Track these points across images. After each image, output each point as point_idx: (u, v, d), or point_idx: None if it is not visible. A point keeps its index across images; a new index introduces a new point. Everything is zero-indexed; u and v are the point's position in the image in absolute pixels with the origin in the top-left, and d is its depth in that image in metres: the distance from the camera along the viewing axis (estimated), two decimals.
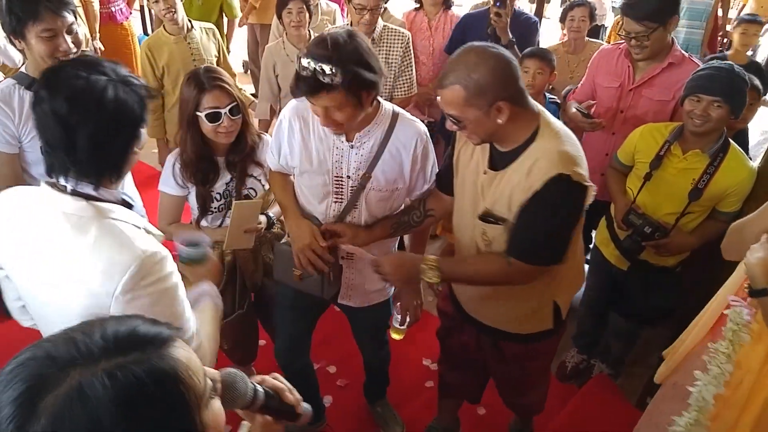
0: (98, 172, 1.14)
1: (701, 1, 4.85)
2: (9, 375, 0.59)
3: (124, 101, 1.12)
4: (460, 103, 1.45)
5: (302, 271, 1.80)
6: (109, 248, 1.09)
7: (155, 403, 0.60)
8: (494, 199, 1.59)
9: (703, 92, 2.02)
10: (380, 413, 2.46)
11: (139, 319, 0.66)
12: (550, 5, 9.01)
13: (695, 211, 2.16)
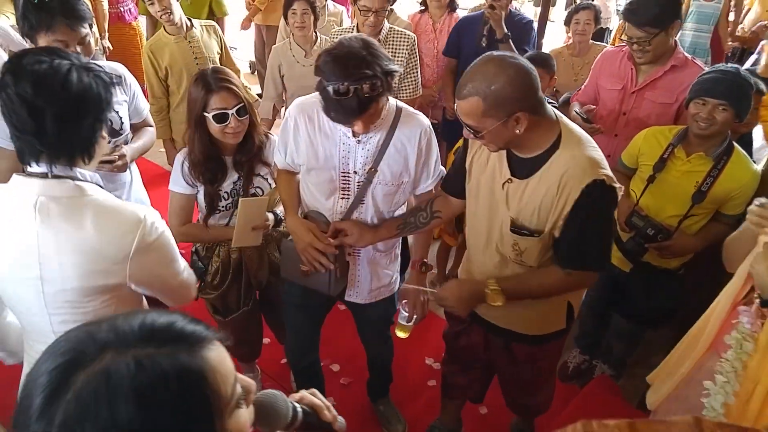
0: (69, 153, 1.19)
1: (710, 4, 4.83)
2: (53, 347, 0.62)
3: (88, 84, 1.17)
4: (478, 114, 1.45)
5: (309, 268, 1.82)
6: (113, 220, 1.20)
7: (175, 399, 0.59)
8: (520, 208, 1.59)
9: (708, 95, 2.02)
10: (383, 412, 2.48)
11: (179, 316, 0.66)
12: (555, 8, 9.02)
13: (698, 213, 2.17)
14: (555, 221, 1.55)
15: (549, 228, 1.56)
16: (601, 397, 2.46)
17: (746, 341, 1.51)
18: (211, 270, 2.11)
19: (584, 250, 1.56)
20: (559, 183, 1.50)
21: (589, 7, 3.56)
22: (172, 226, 1.99)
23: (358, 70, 1.49)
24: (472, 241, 1.83)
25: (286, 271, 1.96)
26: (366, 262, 1.93)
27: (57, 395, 0.57)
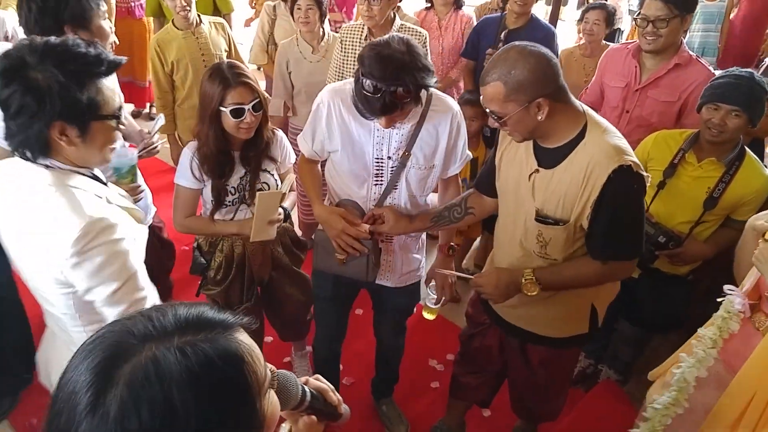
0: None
1: (714, 3, 4.82)
2: (89, 346, 0.64)
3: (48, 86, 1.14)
4: (500, 99, 1.48)
5: (344, 256, 1.83)
6: (58, 211, 1.16)
7: (222, 380, 0.63)
8: (545, 198, 1.60)
9: (722, 101, 1.99)
10: (385, 412, 2.47)
11: (206, 306, 0.69)
12: (566, 7, 8.96)
13: (710, 220, 2.14)
14: (581, 210, 1.55)
15: (575, 217, 1.56)
16: (606, 402, 2.44)
17: (732, 321, 1.53)
18: (213, 265, 2.11)
19: (617, 239, 1.56)
20: (585, 171, 1.51)
21: (599, 7, 3.53)
22: (175, 218, 2.02)
23: (393, 76, 1.52)
24: (498, 237, 1.83)
25: (321, 263, 1.95)
26: (398, 246, 1.96)
27: (105, 390, 0.59)
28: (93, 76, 1.15)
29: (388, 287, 2.04)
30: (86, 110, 1.15)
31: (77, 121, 1.16)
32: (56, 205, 1.17)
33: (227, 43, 3.18)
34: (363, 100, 1.57)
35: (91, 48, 1.16)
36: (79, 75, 1.13)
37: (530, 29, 3.04)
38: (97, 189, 1.25)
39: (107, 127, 1.22)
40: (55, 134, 1.15)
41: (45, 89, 1.10)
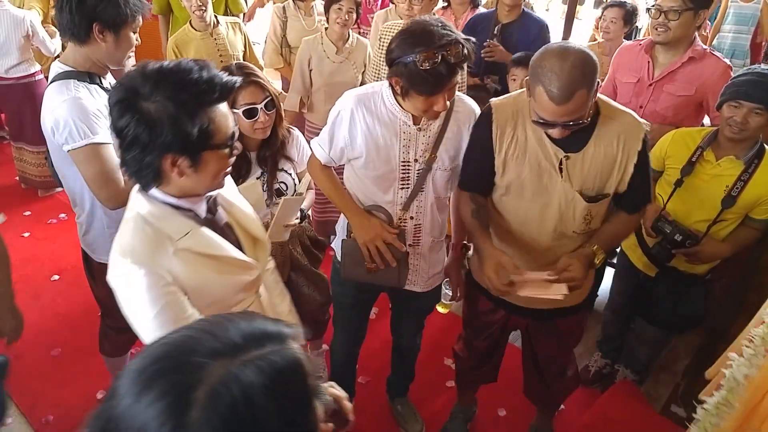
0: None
1: (749, 5, 4.71)
2: (153, 366, 0.62)
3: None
4: (587, 103, 1.51)
5: (373, 266, 1.83)
6: (121, 238, 1.19)
7: (294, 390, 0.65)
8: (583, 180, 1.66)
9: (744, 98, 1.97)
10: (400, 411, 2.48)
11: (259, 317, 0.71)
12: (583, 6, 8.90)
13: (728, 218, 2.12)
14: (621, 177, 1.67)
15: (615, 186, 1.68)
16: (623, 402, 2.42)
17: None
18: None
19: (646, 190, 1.74)
20: (616, 143, 1.63)
21: (617, 5, 3.50)
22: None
23: (442, 37, 1.51)
24: (518, 233, 1.79)
25: (348, 272, 1.93)
26: (426, 249, 1.95)
27: (185, 414, 0.58)
28: (205, 104, 1.12)
29: (414, 290, 2.03)
30: (197, 141, 1.11)
31: (188, 153, 1.13)
32: (123, 231, 1.20)
33: (243, 43, 3.21)
34: (423, 78, 1.53)
35: (204, 72, 1.11)
36: (190, 105, 1.09)
37: (524, 23, 3.03)
38: (176, 230, 1.20)
39: (220, 155, 1.18)
40: (167, 165, 1.13)
41: (156, 121, 1.08)
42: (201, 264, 1.21)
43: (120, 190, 1.74)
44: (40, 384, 2.55)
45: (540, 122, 1.55)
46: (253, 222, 1.42)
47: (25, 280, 3.21)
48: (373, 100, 1.73)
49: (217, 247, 1.25)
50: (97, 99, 1.77)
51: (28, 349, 2.72)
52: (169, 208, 1.21)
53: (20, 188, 4.13)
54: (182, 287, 1.18)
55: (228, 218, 1.36)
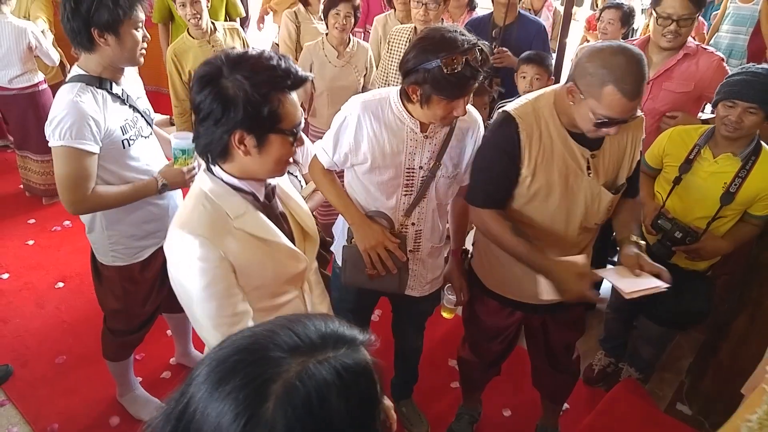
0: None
1: (747, 6, 4.73)
2: (230, 359, 0.64)
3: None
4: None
5: (374, 273, 1.84)
6: (182, 206, 1.28)
7: (364, 392, 0.67)
8: (606, 175, 1.72)
9: (738, 98, 1.98)
10: (405, 413, 2.48)
11: (337, 320, 0.72)
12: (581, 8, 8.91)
13: (727, 215, 2.13)
14: (630, 165, 1.76)
15: (627, 173, 1.77)
16: (628, 400, 2.43)
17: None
18: None
19: (639, 173, 1.84)
20: (626, 134, 1.71)
21: (614, 6, 3.53)
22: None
23: (464, 42, 1.53)
24: (543, 235, 1.77)
25: (349, 278, 1.94)
26: (426, 255, 1.96)
27: (261, 406, 0.60)
28: (278, 89, 1.17)
29: (413, 296, 2.04)
30: (266, 122, 1.17)
31: (256, 132, 1.18)
32: (185, 206, 1.27)
33: (242, 48, 3.23)
34: (448, 82, 1.54)
35: (282, 61, 1.18)
36: (265, 87, 1.15)
37: (523, 25, 3.05)
38: (234, 209, 1.25)
39: (284, 141, 1.22)
40: (235, 142, 1.18)
41: (231, 98, 1.14)
42: (252, 246, 1.26)
43: (82, 200, 1.80)
44: (45, 392, 2.56)
45: (600, 123, 1.53)
46: (307, 216, 1.47)
47: (30, 287, 3.23)
48: (381, 106, 1.74)
49: (270, 231, 1.29)
50: (99, 105, 1.79)
51: (33, 357, 2.74)
52: (230, 188, 1.26)
53: (24, 196, 4.15)
54: (232, 265, 1.23)
55: (283, 208, 1.41)
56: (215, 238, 1.20)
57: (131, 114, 1.92)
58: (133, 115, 1.93)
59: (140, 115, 1.97)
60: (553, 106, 1.66)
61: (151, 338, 2.38)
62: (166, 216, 2.07)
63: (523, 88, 2.75)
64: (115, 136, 1.84)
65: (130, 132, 1.90)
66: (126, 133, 1.88)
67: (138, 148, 1.94)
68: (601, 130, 1.56)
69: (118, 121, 1.85)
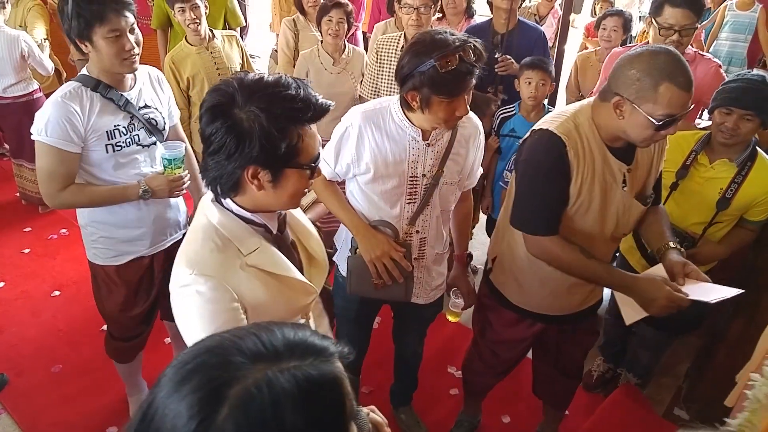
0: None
1: (746, 14, 4.76)
2: (195, 361, 0.63)
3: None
4: None
5: (380, 282, 1.84)
6: (192, 245, 1.18)
7: (327, 406, 0.64)
8: (637, 188, 1.73)
9: (735, 105, 1.99)
10: (404, 420, 2.48)
11: (309, 330, 0.70)
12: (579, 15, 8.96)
13: (723, 220, 2.14)
14: (655, 175, 1.79)
15: (653, 183, 1.79)
16: (626, 406, 2.43)
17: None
18: None
19: (660, 181, 1.86)
20: (653, 147, 1.71)
21: (617, 14, 3.57)
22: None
23: (455, 41, 1.54)
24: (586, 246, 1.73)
25: (355, 289, 1.93)
26: (430, 262, 1.97)
27: (216, 410, 0.59)
28: (297, 121, 1.10)
29: (417, 303, 2.04)
30: (283, 157, 1.10)
31: (271, 167, 1.11)
32: (191, 240, 1.19)
33: (241, 56, 3.23)
34: (445, 80, 1.54)
35: (302, 90, 1.09)
36: (283, 120, 1.07)
37: (523, 32, 3.05)
38: (246, 245, 1.18)
39: (302, 175, 1.15)
40: (248, 177, 1.11)
41: (246, 131, 1.06)
42: (265, 282, 1.19)
43: (55, 194, 1.84)
44: (41, 401, 2.55)
45: (663, 124, 1.48)
46: (315, 241, 1.40)
47: (25, 296, 3.21)
48: (382, 115, 1.73)
49: (283, 267, 1.23)
50: (85, 107, 1.81)
51: (28, 366, 2.73)
52: (241, 222, 1.19)
53: (21, 204, 4.14)
54: (243, 304, 1.16)
55: (293, 236, 1.35)
56: (227, 278, 1.13)
57: (127, 121, 1.92)
58: (131, 122, 1.93)
59: (144, 124, 1.96)
60: (591, 122, 1.63)
61: (149, 345, 2.37)
62: (149, 226, 2.06)
63: (528, 94, 2.75)
64: (98, 140, 1.85)
65: (119, 138, 1.90)
66: (113, 139, 1.88)
67: (129, 155, 1.94)
68: (660, 133, 1.51)
69: (104, 125, 1.85)
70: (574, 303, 1.90)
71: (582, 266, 1.66)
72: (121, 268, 2.08)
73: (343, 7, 3.04)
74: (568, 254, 1.65)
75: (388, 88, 2.74)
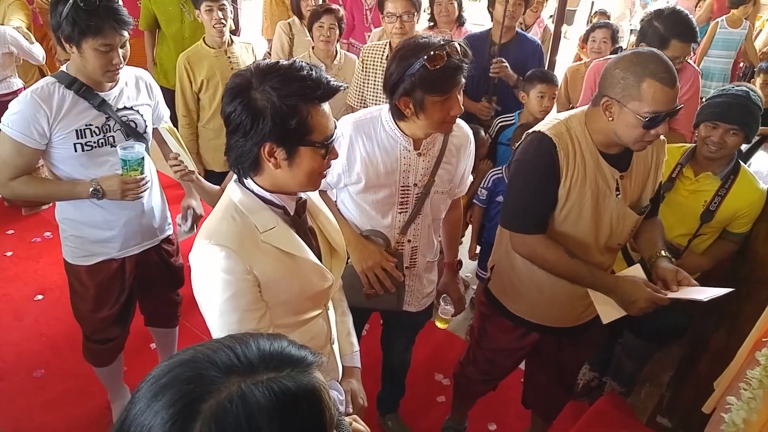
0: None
1: (736, 31, 4.86)
2: (163, 380, 0.62)
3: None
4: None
5: (372, 292, 1.84)
6: (211, 221, 1.26)
7: (304, 419, 0.63)
8: (631, 196, 1.73)
9: (720, 119, 2.04)
10: (391, 427, 2.48)
11: (286, 341, 0.69)
12: (572, 27, 9.08)
13: (707, 232, 2.19)
14: (653, 186, 1.77)
15: (650, 194, 1.78)
16: (610, 414, 2.45)
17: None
18: None
19: (660, 193, 1.85)
20: (650, 156, 1.73)
21: (605, 26, 3.63)
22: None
23: (439, 41, 1.56)
24: (579, 254, 1.75)
25: (347, 299, 1.91)
26: (422, 270, 1.97)
27: (189, 425, 0.58)
28: (307, 100, 1.15)
29: (409, 311, 2.05)
30: (294, 134, 1.15)
31: (286, 144, 1.16)
32: (213, 216, 1.26)
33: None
34: (437, 76, 1.54)
35: (314, 72, 1.16)
36: (293, 98, 1.13)
37: (520, 44, 3.10)
38: (263, 223, 1.23)
39: (315, 153, 1.20)
40: (265, 154, 1.17)
41: (260, 109, 1.13)
42: (279, 260, 1.24)
43: (4, 183, 1.86)
44: (22, 405, 2.51)
45: (650, 121, 1.50)
46: (336, 233, 1.45)
47: (7, 299, 3.16)
48: (373, 125, 1.74)
49: (298, 247, 1.28)
50: (55, 103, 1.80)
51: (10, 370, 2.68)
52: (260, 201, 1.25)
53: (3, 206, 4.06)
54: (257, 279, 1.22)
55: (312, 223, 1.39)
56: (242, 250, 1.19)
57: (102, 121, 1.90)
58: (106, 123, 1.91)
59: (122, 126, 1.94)
60: (585, 126, 1.65)
61: (134, 350, 2.35)
62: (119, 229, 2.03)
63: (540, 108, 2.78)
64: (65, 137, 1.84)
65: (90, 138, 1.88)
66: (83, 138, 1.87)
67: (101, 156, 1.92)
68: (650, 132, 1.52)
69: (74, 123, 1.84)
70: (572, 315, 1.91)
71: (565, 265, 1.68)
72: (90, 269, 2.06)
73: (334, 12, 3.06)
74: (552, 253, 1.68)
75: (373, 97, 2.74)
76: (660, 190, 1.83)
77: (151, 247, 2.17)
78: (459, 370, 2.31)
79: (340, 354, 1.56)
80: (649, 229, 1.84)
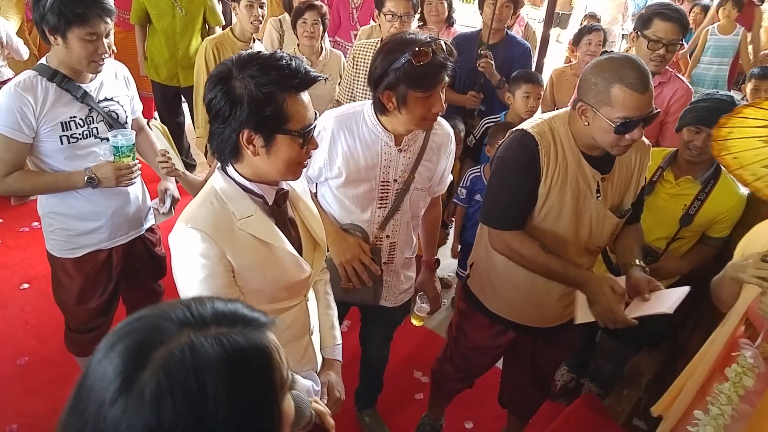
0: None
1: (728, 38, 4.87)
2: (122, 330, 0.65)
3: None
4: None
5: (349, 286, 1.86)
6: (191, 201, 1.30)
7: (252, 373, 0.64)
8: (612, 198, 1.74)
9: (704, 124, 2.04)
10: (368, 422, 2.49)
11: (240, 303, 0.72)
12: (566, 31, 9.09)
13: (686, 236, 2.20)
14: (635, 191, 1.78)
15: (632, 199, 1.79)
16: (587, 415, 2.46)
17: (746, 375, 1.50)
18: None
19: (643, 200, 1.86)
20: (634, 159, 1.74)
21: (597, 29, 3.66)
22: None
23: (425, 37, 1.58)
24: (559, 253, 1.76)
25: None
26: (399, 266, 1.99)
27: (140, 370, 0.60)
28: (284, 88, 1.17)
29: (386, 306, 2.06)
30: (271, 121, 1.18)
31: (262, 131, 1.19)
32: (193, 201, 1.29)
33: None
34: (422, 73, 1.56)
35: (293, 62, 1.19)
36: (269, 86, 1.16)
37: (509, 45, 3.12)
38: (241, 211, 1.26)
39: (292, 142, 1.21)
40: (243, 141, 1.20)
41: (238, 96, 1.16)
42: (254, 248, 1.27)
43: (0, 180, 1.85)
44: (4, 393, 2.52)
45: (621, 126, 1.51)
46: (318, 224, 1.46)
47: None
48: (355, 120, 1.75)
49: (274, 236, 1.30)
50: (39, 97, 1.81)
51: None
52: (240, 190, 1.28)
53: None
54: (231, 265, 1.25)
55: (294, 215, 1.41)
56: (217, 235, 1.22)
57: (85, 113, 1.91)
58: (89, 114, 1.92)
59: (104, 117, 1.96)
60: (568, 127, 1.67)
61: None
62: (106, 219, 2.05)
63: (525, 108, 2.80)
64: (51, 130, 1.85)
65: (75, 130, 1.89)
66: (68, 130, 1.88)
67: (86, 147, 1.94)
68: (624, 137, 1.53)
69: (58, 116, 1.85)
70: (549, 315, 1.92)
71: (540, 261, 1.70)
72: (77, 261, 2.07)
73: (317, 8, 3.08)
74: (526, 248, 1.70)
75: (363, 93, 2.76)
76: (642, 195, 1.84)
77: (136, 237, 2.18)
78: (436, 366, 2.32)
79: (322, 346, 1.57)
80: (627, 236, 1.85)
